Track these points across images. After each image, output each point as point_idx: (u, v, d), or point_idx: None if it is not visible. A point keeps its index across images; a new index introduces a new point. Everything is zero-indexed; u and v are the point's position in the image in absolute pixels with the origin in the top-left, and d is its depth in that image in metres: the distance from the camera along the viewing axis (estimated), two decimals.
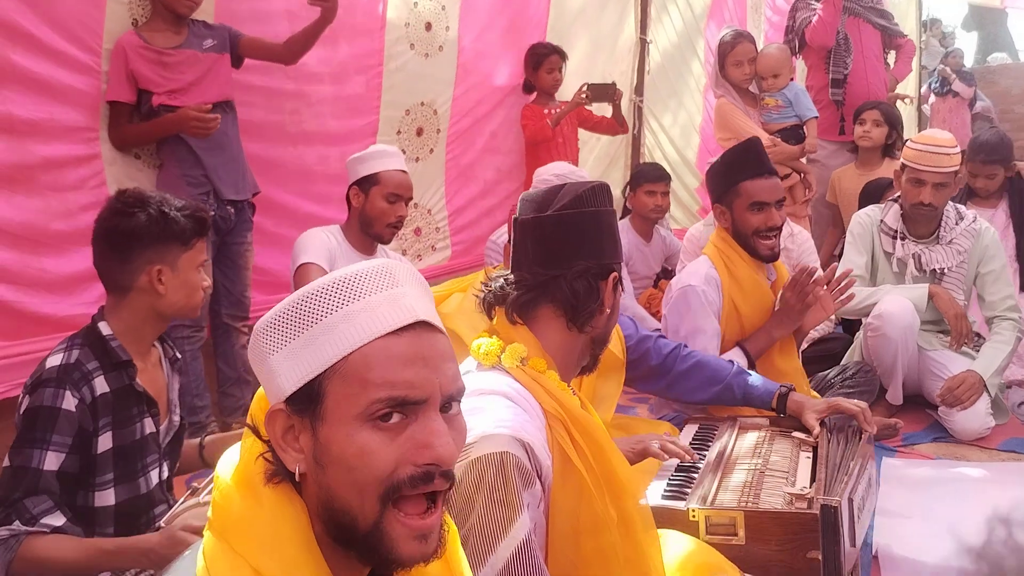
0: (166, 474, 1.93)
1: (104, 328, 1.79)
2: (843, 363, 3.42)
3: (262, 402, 0.94)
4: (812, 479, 1.90)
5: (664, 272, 4.66)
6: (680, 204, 6.14)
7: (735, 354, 2.74)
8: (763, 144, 2.98)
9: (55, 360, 1.74)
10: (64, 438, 1.68)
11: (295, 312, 0.89)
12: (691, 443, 2.19)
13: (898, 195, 3.39)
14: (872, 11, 5.16)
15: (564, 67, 4.72)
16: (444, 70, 4.33)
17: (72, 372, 1.72)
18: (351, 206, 3.04)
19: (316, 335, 0.88)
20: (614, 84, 4.69)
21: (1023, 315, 3.25)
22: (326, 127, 3.78)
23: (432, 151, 4.37)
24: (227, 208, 3.09)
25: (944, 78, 10.05)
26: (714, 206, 2.88)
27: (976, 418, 3.07)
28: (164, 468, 1.92)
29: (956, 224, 3.31)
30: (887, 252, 3.39)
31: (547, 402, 1.42)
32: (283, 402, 0.89)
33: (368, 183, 2.97)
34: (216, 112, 2.94)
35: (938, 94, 10.16)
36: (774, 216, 2.75)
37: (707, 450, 2.12)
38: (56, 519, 1.65)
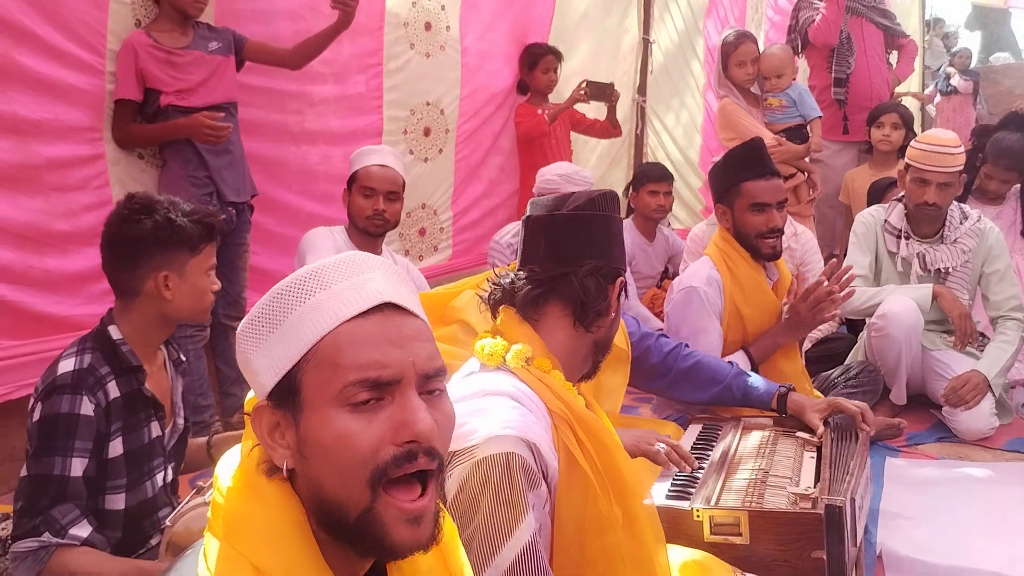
0: (170, 477, 1.93)
1: (114, 332, 1.79)
2: (847, 363, 3.42)
3: (254, 403, 0.94)
4: (816, 479, 1.89)
5: (667, 272, 4.66)
6: (683, 204, 6.14)
7: (738, 357, 2.73)
8: (768, 144, 2.97)
9: (68, 365, 1.72)
10: (86, 443, 1.69)
11: (268, 309, 0.90)
12: (695, 443, 2.19)
13: (902, 195, 3.38)
14: (875, 11, 5.17)
15: (560, 68, 4.71)
16: (448, 70, 4.33)
17: (87, 377, 1.71)
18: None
19: (288, 328, 0.88)
20: (612, 85, 4.69)
21: None
22: (329, 127, 3.78)
23: (441, 151, 4.37)
24: (229, 210, 3.10)
25: (947, 75, 10.06)
26: (716, 206, 2.88)
27: (980, 418, 3.06)
28: (168, 471, 1.92)
29: (960, 223, 3.30)
30: (891, 252, 3.38)
31: (552, 402, 1.41)
32: (266, 398, 0.90)
33: (351, 182, 3.02)
34: (219, 113, 2.94)
35: (943, 93, 10.18)
36: (775, 217, 2.74)
37: (711, 450, 2.11)
38: (83, 529, 1.65)
